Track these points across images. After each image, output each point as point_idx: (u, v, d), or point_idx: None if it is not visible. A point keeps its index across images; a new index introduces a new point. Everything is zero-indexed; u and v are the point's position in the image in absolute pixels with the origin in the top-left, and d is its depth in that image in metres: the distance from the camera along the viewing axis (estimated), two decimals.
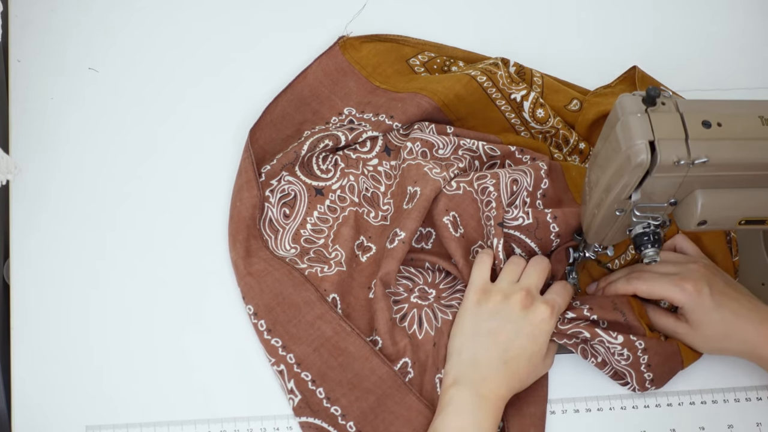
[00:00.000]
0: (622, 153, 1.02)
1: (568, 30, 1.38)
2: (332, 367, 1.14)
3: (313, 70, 1.29)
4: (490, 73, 1.27)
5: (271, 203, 1.21)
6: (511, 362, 1.13)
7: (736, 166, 1.04)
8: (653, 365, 1.17)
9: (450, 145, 1.24)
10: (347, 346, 1.14)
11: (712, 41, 1.39)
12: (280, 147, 1.25)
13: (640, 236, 1.10)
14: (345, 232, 1.21)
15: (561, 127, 1.27)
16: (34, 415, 1.12)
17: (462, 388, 1.11)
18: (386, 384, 1.13)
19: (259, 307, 1.16)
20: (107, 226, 1.20)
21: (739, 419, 1.19)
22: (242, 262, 1.18)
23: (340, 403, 1.13)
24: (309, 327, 1.15)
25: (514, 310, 1.14)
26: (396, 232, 1.18)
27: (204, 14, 1.33)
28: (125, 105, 1.26)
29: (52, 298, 1.17)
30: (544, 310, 1.14)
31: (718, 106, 1.05)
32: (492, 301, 1.15)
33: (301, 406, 1.13)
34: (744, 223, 1.08)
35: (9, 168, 1.10)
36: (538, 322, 1.14)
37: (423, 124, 1.25)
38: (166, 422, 1.13)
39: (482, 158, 1.24)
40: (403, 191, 1.21)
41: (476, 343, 1.13)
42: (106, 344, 1.15)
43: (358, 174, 1.24)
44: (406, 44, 1.32)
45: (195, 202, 1.22)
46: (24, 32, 1.28)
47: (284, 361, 1.15)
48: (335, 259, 1.19)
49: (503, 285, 1.16)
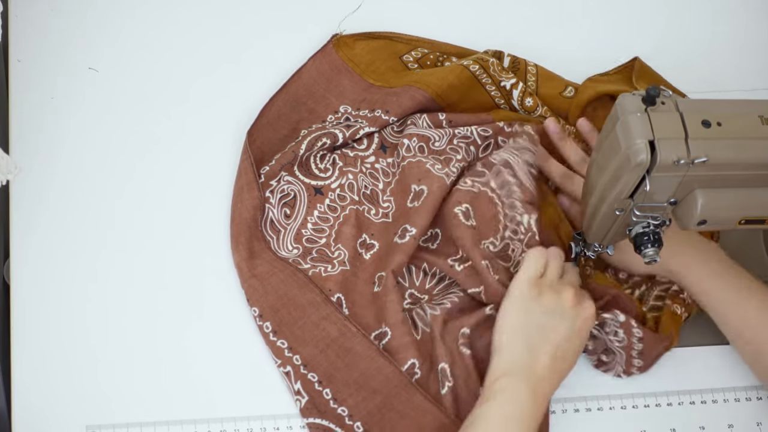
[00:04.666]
0: (621, 152, 1.02)
1: (567, 30, 1.38)
2: (338, 367, 1.14)
3: (307, 69, 1.30)
4: (482, 61, 1.28)
5: (272, 204, 1.21)
6: (560, 360, 1.12)
7: (736, 166, 1.04)
8: (644, 354, 1.17)
9: (445, 137, 1.24)
10: (353, 346, 1.14)
11: (712, 42, 1.39)
12: (277, 147, 1.25)
13: (640, 236, 1.10)
14: (346, 231, 1.21)
15: (549, 115, 1.28)
16: (34, 415, 1.12)
17: (516, 380, 1.09)
18: (392, 383, 1.13)
19: (264, 309, 1.16)
20: (107, 226, 1.20)
21: (739, 419, 1.19)
22: (246, 264, 1.18)
23: (347, 404, 1.13)
24: (314, 328, 1.15)
25: (566, 308, 1.13)
26: (406, 228, 1.18)
27: (204, 14, 1.33)
28: (125, 105, 1.26)
29: (52, 298, 1.17)
30: (590, 306, 1.14)
31: (718, 105, 1.05)
32: (545, 297, 1.13)
33: (308, 407, 1.13)
34: (744, 223, 1.08)
35: (9, 168, 1.10)
36: (586, 319, 1.13)
37: (415, 117, 1.25)
38: (166, 422, 1.13)
39: (476, 142, 1.25)
40: (404, 189, 1.22)
41: (530, 337, 1.12)
42: (106, 344, 1.15)
43: (357, 172, 1.24)
44: (399, 41, 1.32)
45: (196, 202, 1.22)
46: (24, 32, 1.28)
47: (290, 362, 1.15)
48: (338, 259, 1.20)
49: (551, 280, 1.15)
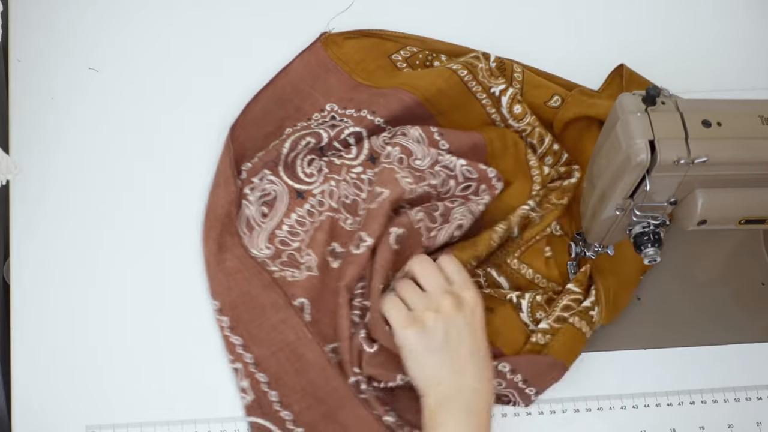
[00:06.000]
0: (622, 152, 1.03)
1: (565, 27, 1.38)
2: (288, 372, 1.14)
3: (294, 66, 1.29)
4: (470, 66, 1.27)
5: (249, 201, 1.21)
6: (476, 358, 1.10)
7: (736, 166, 1.04)
8: (530, 379, 1.16)
9: (428, 157, 1.23)
10: (306, 353, 1.14)
11: (712, 42, 1.39)
12: (260, 144, 1.24)
13: (640, 236, 1.10)
14: (319, 237, 1.20)
15: (537, 125, 1.27)
16: (34, 415, 1.12)
17: (450, 409, 1.09)
18: (339, 394, 1.13)
19: (224, 304, 1.16)
20: (107, 226, 1.20)
21: (739, 419, 1.19)
22: (214, 258, 1.17)
23: (292, 409, 1.13)
24: (272, 330, 1.15)
25: (450, 317, 1.11)
26: (361, 237, 1.18)
27: (205, 14, 1.33)
28: (125, 105, 1.26)
29: (52, 298, 1.17)
30: (469, 295, 1.13)
31: (718, 105, 1.05)
32: (427, 324, 1.11)
33: (253, 406, 1.13)
34: (744, 223, 1.08)
35: (9, 168, 1.10)
36: (473, 310, 1.12)
37: (408, 127, 1.24)
38: (166, 422, 1.13)
39: (458, 179, 1.23)
40: (372, 194, 1.21)
41: (441, 366, 1.10)
42: (106, 344, 1.15)
43: (340, 180, 1.23)
44: (389, 39, 1.32)
45: (196, 202, 1.22)
46: (24, 32, 1.28)
47: (241, 359, 1.14)
48: (306, 264, 1.19)
49: (422, 305, 1.13)
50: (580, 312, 1.19)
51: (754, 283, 1.27)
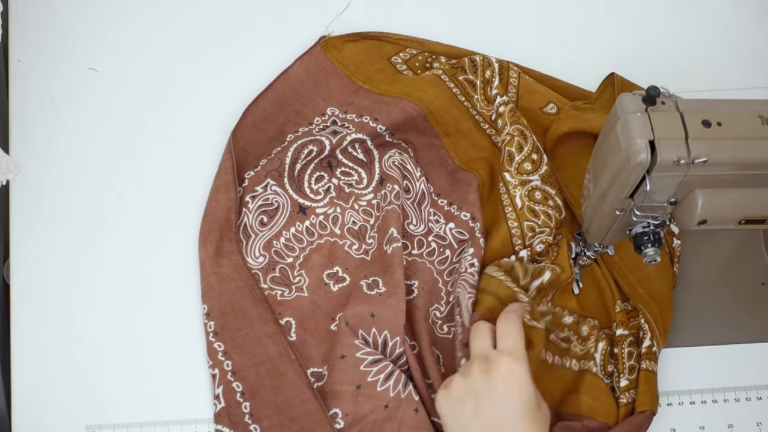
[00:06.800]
0: (621, 152, 1.02)
1: (563, 28, 1.38)
2: (265, 386, 1.13)
3: (294, 70, 1.29)
4: (467, 95, 1.27)
5: (249, 209, 1.20)
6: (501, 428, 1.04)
7: (736, 166, 1.04)
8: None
9: (423, 224, 1.22)
10: (286, 371, 1.14)
11: (712, 42, 1.39)
12: (262, 148, 1.24)
13: (640, 236, 1.10)
14: (315, 259, 1.20)
15: (517, 134, 1.23)
16: (34, 415, 1.12)
17: None
18: (313, 418, 1.12)
19: (213, 309, 1.16)
20: (107, 225, 1.20)
21: (739, 419, 1.19)
22: (210, 261, 1.17)
23: (262, 424, 1.12)
24: (256, 342, 1.15)
25: (477, 383, 1.05)
26: (377, 281, 1.17)
27: (206, 13, 1.33)
28: (125, 105, 1.26)
29: (52, 298, 1.17)
30: (503, 360, 1.04)
31: (718, 105, 1.05)
32: (455, 388, 1.06)
33: (222, 414, 1.12)
34: (744, 223, 1.08)
35: (9, 168, 1.10)
36: (506, 377, 1.04)
37: (415, 168, 1.24)
38: (166, 422, 1.13)
39: (453, 246, 1.22)
40: (384, 232, 1.20)
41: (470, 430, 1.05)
42: (107, 344, 1.15)
43: (347, 208, 1.22)
44: (388, 41, 1.32)
45: (198, 202, 1.22)
46: (24, 32, 1.28)
47: (220, 366, 1.14)
48: (297, 285, 1.19)
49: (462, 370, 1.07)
50: (647, 354, 1.17)
51: (754, 283, 1.27)
